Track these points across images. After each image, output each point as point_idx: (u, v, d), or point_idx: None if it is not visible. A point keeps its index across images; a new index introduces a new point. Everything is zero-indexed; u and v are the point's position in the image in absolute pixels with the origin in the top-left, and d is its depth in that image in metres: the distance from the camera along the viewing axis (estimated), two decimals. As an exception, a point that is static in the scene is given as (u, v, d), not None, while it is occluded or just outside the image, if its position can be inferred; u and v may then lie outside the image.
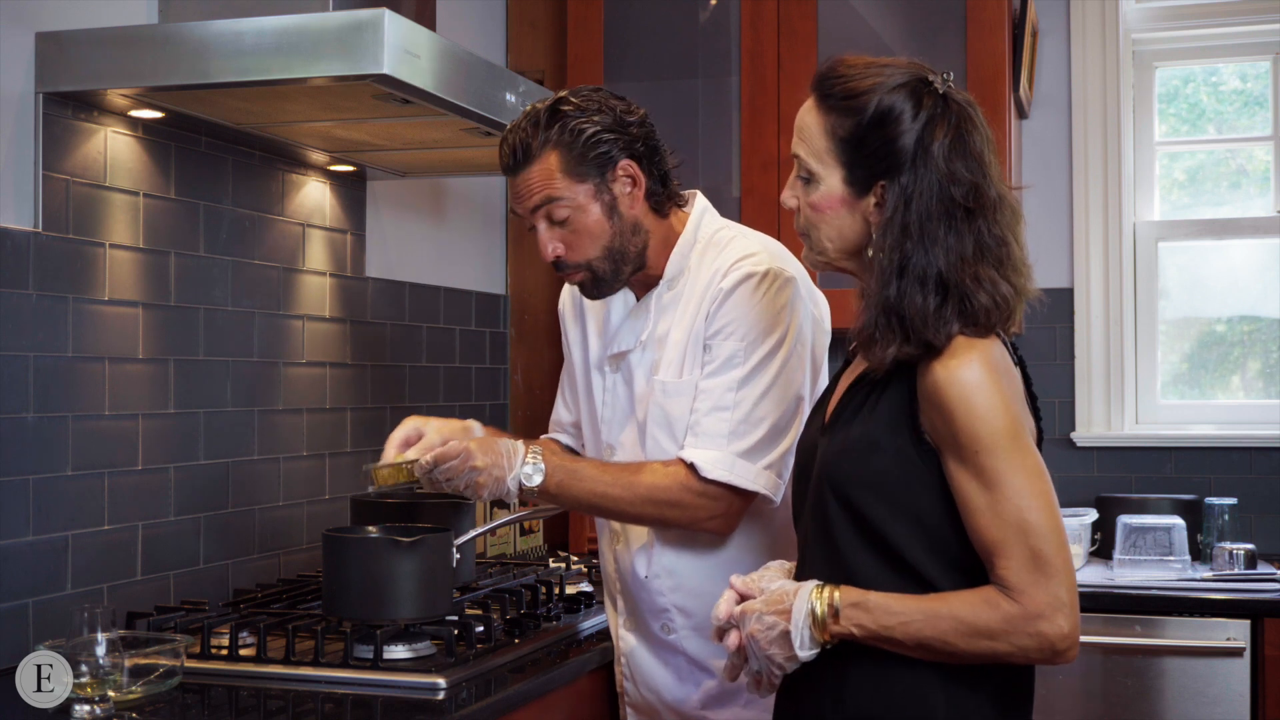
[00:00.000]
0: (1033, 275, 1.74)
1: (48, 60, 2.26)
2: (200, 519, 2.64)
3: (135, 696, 1.98)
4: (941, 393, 1.63)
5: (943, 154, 1.67)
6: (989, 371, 1.63)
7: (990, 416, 1.62)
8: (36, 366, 2.26)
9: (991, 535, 1.62)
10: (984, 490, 1.63)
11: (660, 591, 2.21)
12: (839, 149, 1.71)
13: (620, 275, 2.17)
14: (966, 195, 1.67)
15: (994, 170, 1.71)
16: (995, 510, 1.62)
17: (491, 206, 3.88)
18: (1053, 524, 1.62)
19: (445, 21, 3.24)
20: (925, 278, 1.65)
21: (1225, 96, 3.99)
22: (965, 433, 1.62)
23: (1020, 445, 1.63)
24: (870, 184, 1.70)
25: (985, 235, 1.68)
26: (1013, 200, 1.73)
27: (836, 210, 1.73)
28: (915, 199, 1.67)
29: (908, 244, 1.66)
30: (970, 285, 1.65)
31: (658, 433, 2.18)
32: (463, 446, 2.04)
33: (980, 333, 1.67)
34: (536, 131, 2.10)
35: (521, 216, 2.16)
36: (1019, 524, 1.61)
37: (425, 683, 2.07)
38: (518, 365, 3.90)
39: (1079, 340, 3.79)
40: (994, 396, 1.62)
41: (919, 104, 1.69)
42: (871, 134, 1.69)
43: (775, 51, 3.50)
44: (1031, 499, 1.62)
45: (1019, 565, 1.61)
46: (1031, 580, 1.60)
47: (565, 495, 2.10)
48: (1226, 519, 3.43)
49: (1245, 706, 3.01)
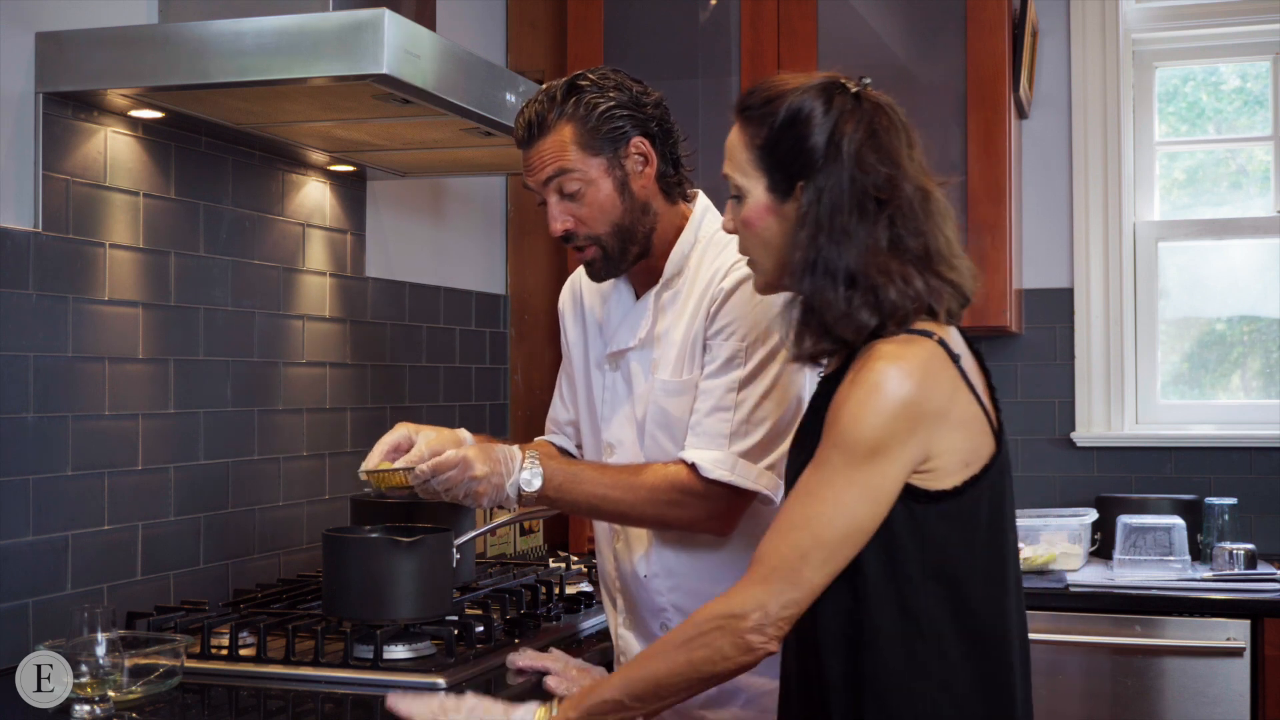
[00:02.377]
0: (968, 269, 1.75)
1: (48, 60, 2.26)
2: (200, 519, 2.64)
3: (135, 696, 1.98)
4: (846, 386, 1.65)
5: (853, 149, 1.69)
6: (895, 381, 1.62)
7: (865, 422, 1.61)
8: (36, 366, 2.26)
9: (780, 516, 1.66)
10: (812, 476, 1.65)
11: (659, 591, 2.21)
12: (758, 158, 1.75)
13: (627, 255, 2.17)
14: (879, 187, 1.69)
15: (913, 167, 1.72)
16: (804, 494, 1.64)
17: (491, 206, 3.88)
18: (827, 540, 1.62)
19: (445, 21, 3.24)
20: (835, 272, 1.67)
21: (1225, 96, 3.99)
22: (836, 425, 1.64)
23: (874, 463, 1.61)
24: (791, 187, 1.72)
25: (901, 229, 1.69)
26: (939, 196, 1.74)
27: (764, 220, 1.75)
28: (827, 194, 1.69)
29: (821, 238, 1.68)
30: (880, 279, 1.66)
31: (657, 432, 2.18)
32: (460, 456, 2.02)
33: (914, 334, 1.67)
34: (552, 105, 2.11)
35: (533, 190, 2.16)
36: (806, 520, 1.63)
37: (425, 683, 2.07)
38: (518, 365, 3.90)
39: (1079, 340, 3.79)
40: (881, 404, 1.61)
41: (829, 103, 1.72)
42: (785, 136, 1.72)
43: (775, 51, 3.50)
44: (837, 514, 1.62)
45: (765, 551, 1.65)
46: (760, 575, 1.64)
47: (565, 499, 2.10)
48: (1226, 519, 3.43)
49: (1245, 706, 3.01)
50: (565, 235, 2.15)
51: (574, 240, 2.16)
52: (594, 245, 2.15)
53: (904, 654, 1.66)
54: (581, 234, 2.14)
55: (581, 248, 2.16)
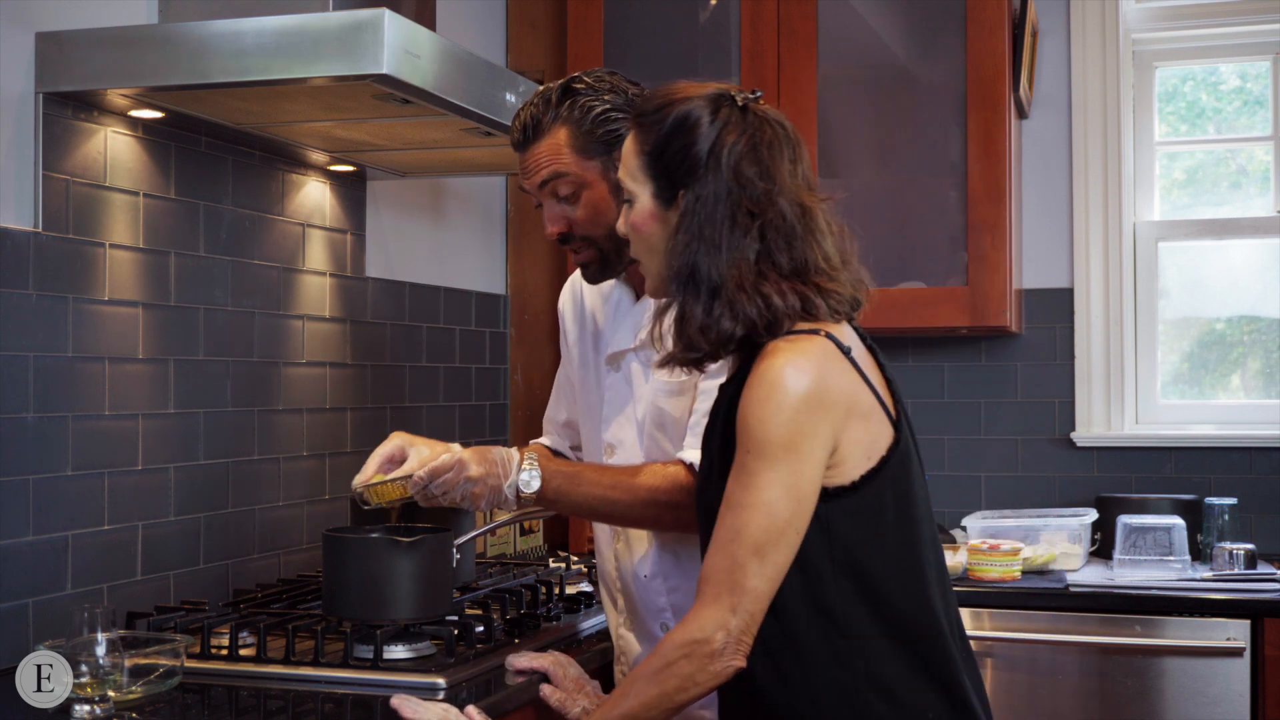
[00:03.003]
0: (850, 280, 1.75)
1: (48, 60, 2.26)
2: (200, 519, 2.64)
3: (135, 696, 1.98)
4: (747, 390, 1.66)
5: (733, 160, 1.71)
6: (791, 377, 1.63)
7: (772, 421, 1.62)
8: (36, 366, 2.26)
9: (717, 532, 1.66)
10: (735, 486, 1.65)
11: (659, 592, 2.21)
12: (646, 163, 1.77)
13: (623, 257, 2.16)
14: (754, 200, 1.70)
15: (793, 182, 1.73)
16: (732, 506, 1.64)
17: (491, 206, 3.88)
18: (761, 545, 1.63)
19: (445, 21, 3.24)
20: (701, 281, 1.69)
21: (1225, 96, 3.99)
22: (744, 429, 1.65)
23: (790, 460, 1.62)
24: (674, 195, 1.74)
25: (772, 243, 1.70)
26: (820, 212, 1.75)
27: (650, 225, 1.78)
28: (703, 203, 1.70)
29: (694, 246, 1.70)
30: (739, 295, 1.68)
31: (656, 432, 2.18)
32: (456, 458, 2.02)
33: (804, 334, 1.67)
34: (548, 108, 2.11)
35: (528, 192, 2.16)
36: (738, 529, 1.63)
37: (425, 683, 2.07)
38: (518, 365, 3.90)
39: (1079, 340, 3.79)
40: (783, 400, 1.63)
41: (715, 113, 1.73)
42: (671, 142, 1.74)
43: (775, 51, 3.50)
44: (759, 513, 1.62)
45: (708, 571, 1.65)
46: (711, 596, 1.64)
47: (564, 500, 2.10)
48: (1226, 519, 3.43)
49: (1245, 706, 3.01)
50: (561, 238, 2.15)
51: (570, 243, 2.16)
52: (590, 248, 2.15)
53: (828, 653, 1.67)
54: (578, 236, 2.14)
55: (578, 250, 2.16)
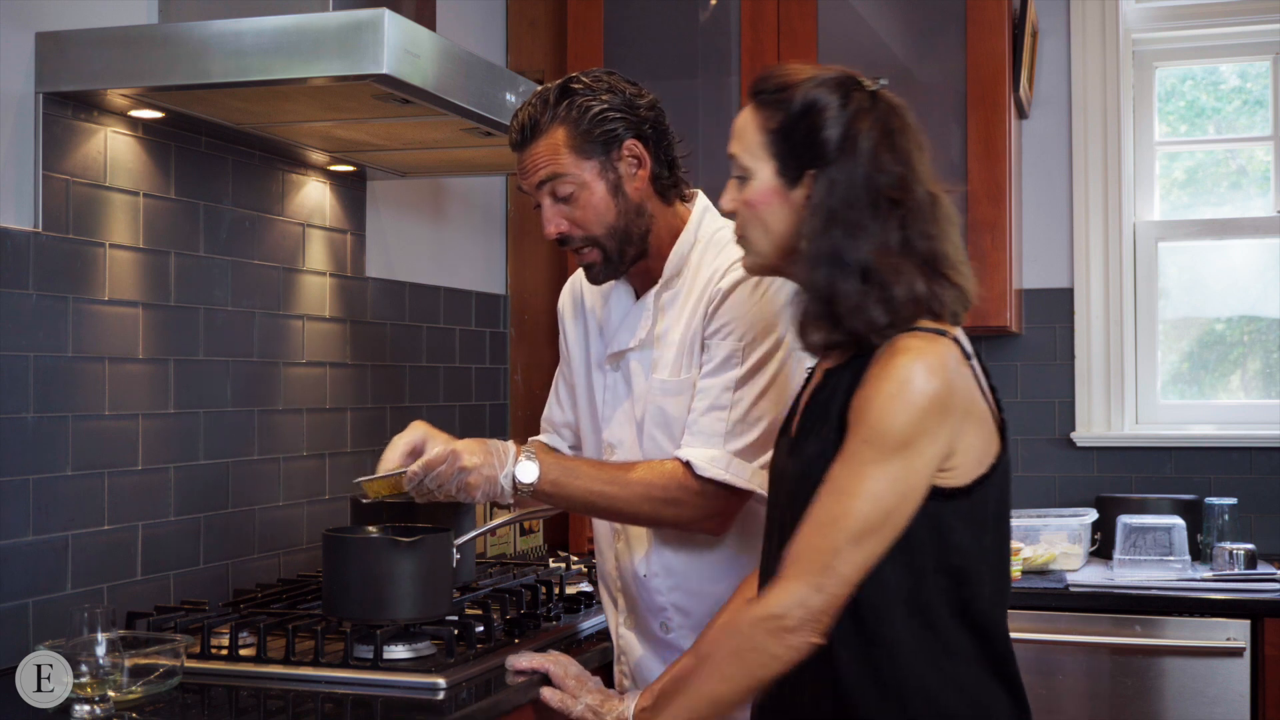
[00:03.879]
0: (971, 275, 1.76)
1: (48, 60, 2.26)
2: (200, 519, 2.64)
3: (135, 696, 1.98)
4: (872, 380, 1.66)
5: (869, 147, 1.71)
6: (925, 375, 1.64)
7: (897, 416, 1.63)
8: (36, 366, 2.26)
9: (814, 511, 1.65)
10: (843, 471, 1.65)
11: (659, 590, 2.21)
12: (770, 141, 1.77)
13: (625, 257, 2.17)
14: (893, 189, 1.71)
15: (924, 170, 1.75)
16: (837, 492, 1.64)
17: (491, 206, 3.88)
18: (860, 533, 1.63)
19: (445, 21, 3.24)
20: (849, 264, 1.69)
21: (1225, 96, 3.99)
22: (866, 420, 1.64)
23: (906, 456, 1.63)
24: (800, 175, 1.74)
25: (911, 231, 1.71)
26: (946, 203, 1.76)
27: (769, 203, 1.77)
28: (841, 188, 1.71)
29: (835, 231, 1.70)
30: (891, 276, 1.68)
31: (655, 432, 2.18)
32: (449, 449, 2.02)
33: (934, 333, 1.68)
34: (545, 108, 2.11)
35: (527, 193, 2.16)
36: (840, 516, 1.63)
37: (425, 683, 2.08)
38: (518, 365, 3.90)
39: (1079, 340, 3.79)
40: (911, 399, 1.63)
41: (846, 98, 1.74)
42: (799, 124, 1.74)
43: (775, 51, 3.50)
44: (868, 504, 1.63)
45: (799, 549, 1.65)
46: (795, 572, 1.64)
47: (560, 494, 2.10)
48: (1226, 519, 3.43)
49: (1245, 706, 3.01)
50: (560, 238, 2.15)
51: (570, 243, 2.16)
52: (593, 248, 2.15)
53: (918, 650, 1.68)
54: (576, 237, 2.14)
55: (580, 250, 2.16)
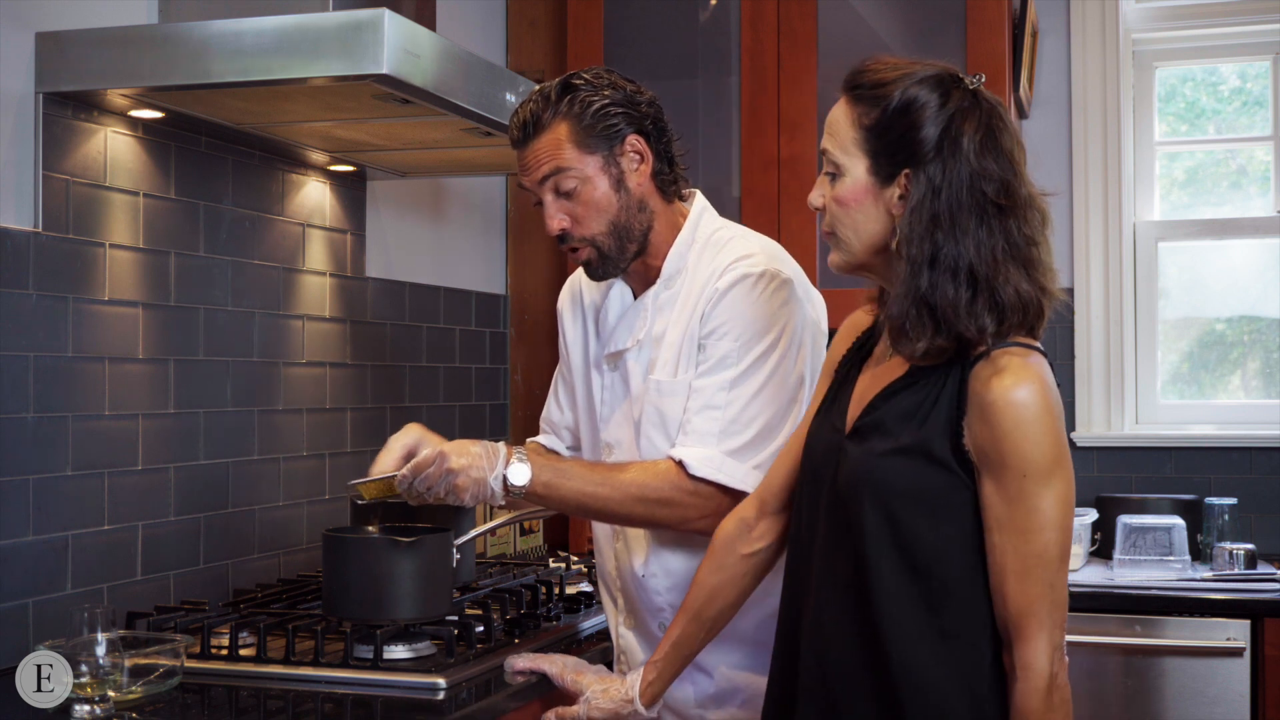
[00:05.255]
0: (1057, 279, 1.74)
1: (48, 60, 2.26)
2: (200, 519, 2.64)
3: (135, 696, 1.98)
4: (998, 412, 1.63)
5: (974, 148, 1.67)
6: (1044, 394, 1.63)
7: (1043, 442, 1.62)
8: (36, 366, 2.26)
9: (1011, 561, 1.64)
10: (1018, 513, 1.63)
11: (658, 591, 2.21)
12: (864, 138, 1.71)
13: (625, 254, 2.17)
14: (998, 192, 1.67)
15: (1024, 171, 1.71)
16: (1024, 533, 1.63)
17: (491, 206, 3.88)
18: (1065, 555, 1.67)
19: (445, 21, 3.24)
20: (956, 269, 1.65)
21: (1225, 96, 3.99)
22: (1015, 454, 1.62)
23: (1062, 471, 1.64)
24: (894, 174, 1.69)
25: (1015, 234, 1.67)
26: (1041, 203, 1.73)
27: (861, 201, 1.72)
28: (944, 190, 1.66)
29: (938, 234, 1.65)
30: (999, 281, 1.65)
31: (652, 432, 2.18)
32: (437, 451, 2.01)
33: (1026, 348, 1.66)
34: (547, 105, 2.11)
35: (529, 190, 2.16)
36: (1041, 554, 1.64)
37: (425, 683, 2.08)
38: (518, 365, 3.90)
39: (1079, 340, 3.79)
40: (1047, 421, 1.63)
41: (946, 97, 1.69)
42: (896, 121, 1.69)
43: (775, 51, 3.50)
44: (1055, 531, 1.64)
45: (1021, 606, 1.64)
46: (1034, 630, 1.64)
47: (553, 495, 2.09)
48: (1226, 519, 3.43)
49: (1245, 706, 3.01)
50: (561, 235, 2.15)
51: (570, 241, 2.16)
52: (589, 247, 2.15)
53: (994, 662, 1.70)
54: (578, 234, 2.14)
55: (576, 249, 2.16)
